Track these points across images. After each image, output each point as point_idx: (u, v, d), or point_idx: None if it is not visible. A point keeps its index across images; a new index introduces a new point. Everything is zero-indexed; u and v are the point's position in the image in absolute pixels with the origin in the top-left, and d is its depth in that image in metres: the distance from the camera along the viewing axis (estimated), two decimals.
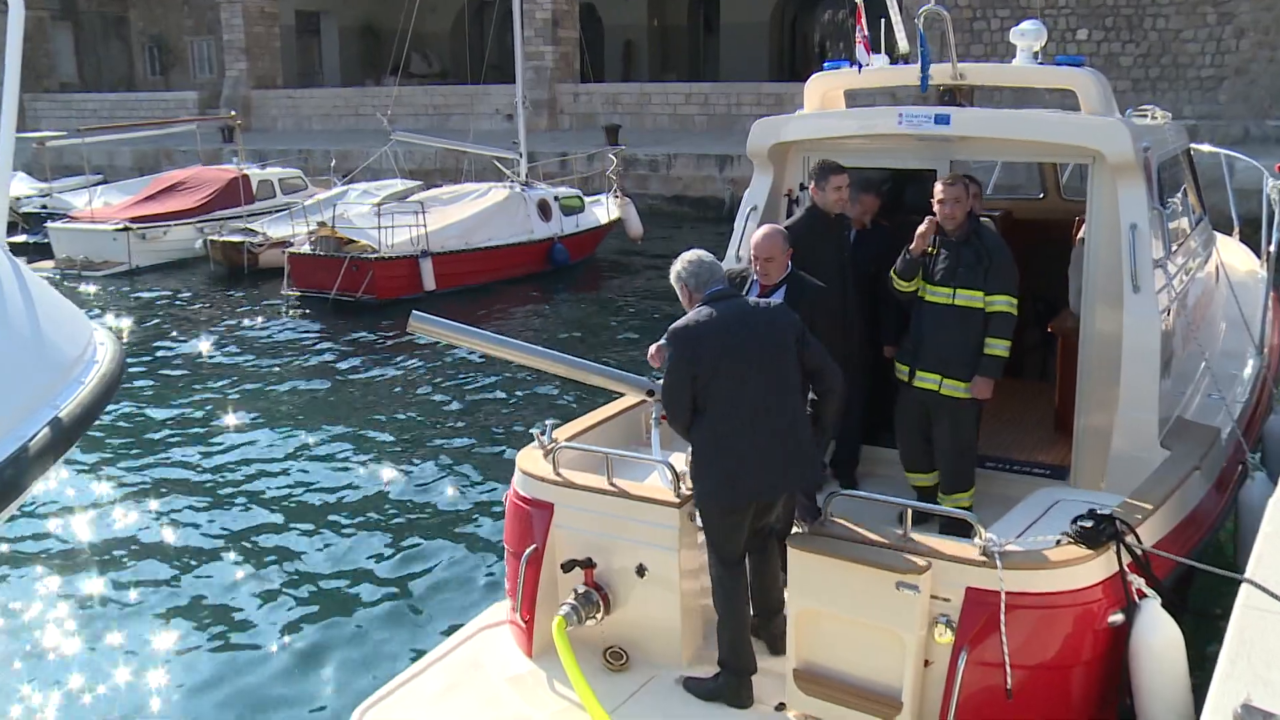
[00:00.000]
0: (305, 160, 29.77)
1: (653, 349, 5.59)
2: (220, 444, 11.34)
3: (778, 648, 5.16)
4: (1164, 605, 4.67)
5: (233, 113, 30.29)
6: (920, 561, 4.55)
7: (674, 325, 4.89)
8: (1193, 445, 5.93)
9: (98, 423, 3.78)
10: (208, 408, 12.70)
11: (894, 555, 4.61)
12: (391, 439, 11.44)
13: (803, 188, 6.84)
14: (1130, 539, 4.68)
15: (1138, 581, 4.65)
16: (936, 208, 5.94)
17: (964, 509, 6.03)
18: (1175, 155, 7.39)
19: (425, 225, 18.07)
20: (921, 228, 5.97)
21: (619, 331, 16.43)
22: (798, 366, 4.80)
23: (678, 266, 5.02)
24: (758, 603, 5.20)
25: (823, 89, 7.22)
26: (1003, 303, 5.89)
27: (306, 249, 18.54)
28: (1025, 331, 8.72)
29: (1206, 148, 10.15)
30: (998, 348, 5.92)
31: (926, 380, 6.03)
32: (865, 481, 6.68)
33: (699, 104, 31.76)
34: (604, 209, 21.63)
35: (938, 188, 5.97)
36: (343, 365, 14.48)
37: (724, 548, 4.94)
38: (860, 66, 6.79)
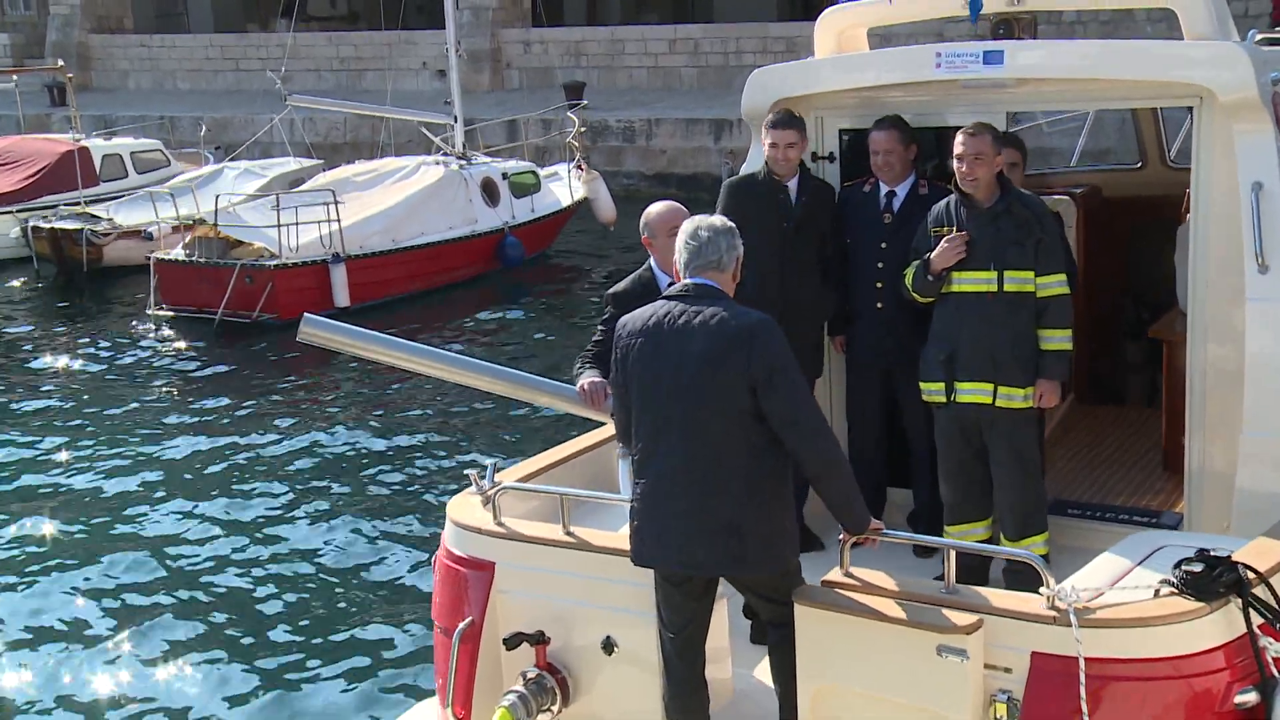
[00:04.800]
0: (170, 129, 29.82)
1: (583, 382, 5.69)
2: (60, 512, 11.26)
3: None
4: None
5: (60, 64, 30.26)
6: (968, 619, 4.52)
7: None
8: None
9: None
10: (37, 464, 12.58)
11: (933, 611, 4.58)
12: (296, 494, 11.48)
13: (816, 157, 6.93)
14: (1261, 590, 4.62)
15: (1275, 647, 4.58)
16: (955, 166, 6.04)
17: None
18: None
19: (339, 220, 18.10)
20: (949, 247, 6.00)
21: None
22: (748, 419, 4.64)
23: (683, 231, 4.93)
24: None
25: (838, 28, 7.29)
26: (1057, 284, 6.03)
27: (180, 255, 18.41)
28: (1127, 344, 8.80)
29: None
30: (1060, 340, 6.04)
31: (974, 393, 6.08)
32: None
33: (687, 52, 32.00)
34: (565, 187, 21.76)
35: (956, 141, 6.03)
36: (234, 405, 14.38)
37: (661, 608, 5.03)
38: None
